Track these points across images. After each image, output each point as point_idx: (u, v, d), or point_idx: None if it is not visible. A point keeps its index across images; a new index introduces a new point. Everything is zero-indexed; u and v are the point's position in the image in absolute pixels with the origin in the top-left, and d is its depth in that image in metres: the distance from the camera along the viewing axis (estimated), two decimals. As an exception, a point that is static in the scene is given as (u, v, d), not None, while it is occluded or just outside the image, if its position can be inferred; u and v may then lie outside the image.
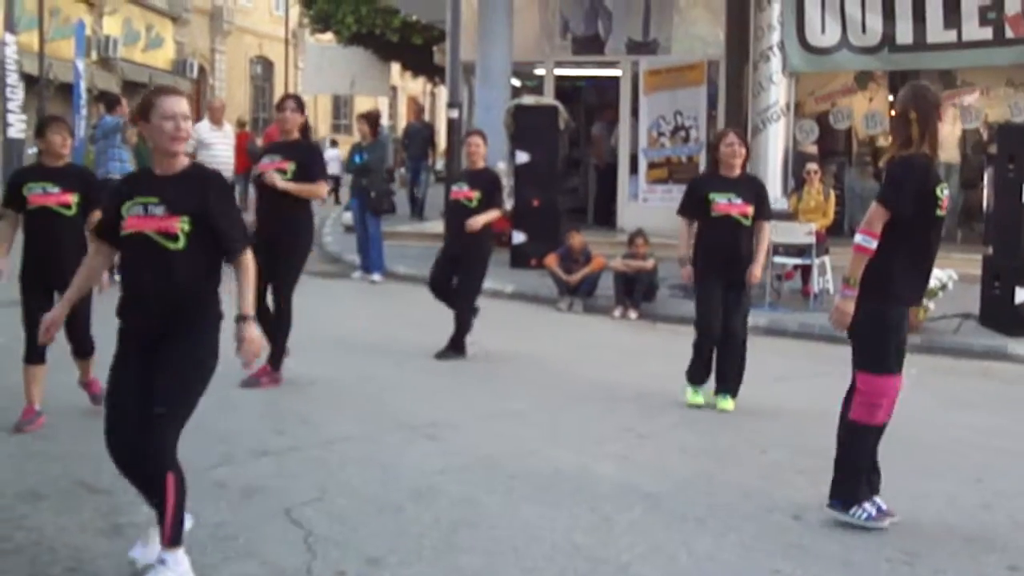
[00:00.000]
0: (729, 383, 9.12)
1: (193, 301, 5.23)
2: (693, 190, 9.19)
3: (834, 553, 5.85)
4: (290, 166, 9.37)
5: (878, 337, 6.35)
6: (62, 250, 7.71)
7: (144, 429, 5.05)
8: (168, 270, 5.16)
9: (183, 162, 5.33)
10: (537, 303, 14.39)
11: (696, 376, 9.21)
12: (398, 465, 7.10)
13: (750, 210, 8.99)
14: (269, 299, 9.25)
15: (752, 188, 9.13)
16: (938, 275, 12.14)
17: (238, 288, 5.31)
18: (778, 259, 14.27)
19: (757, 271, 9.03)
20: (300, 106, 9.76)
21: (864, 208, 20.31)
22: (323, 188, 9.88)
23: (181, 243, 5.16)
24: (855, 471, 6.33)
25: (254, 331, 5.25)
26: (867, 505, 6.28)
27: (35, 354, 7.84)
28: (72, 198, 7.84)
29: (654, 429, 8.37)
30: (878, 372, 6.34)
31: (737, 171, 9.07)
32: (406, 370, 10.24)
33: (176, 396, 5.12)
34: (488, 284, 11.39)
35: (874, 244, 6.16)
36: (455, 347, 10.85)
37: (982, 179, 18.17)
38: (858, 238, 6.24)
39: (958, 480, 7.24)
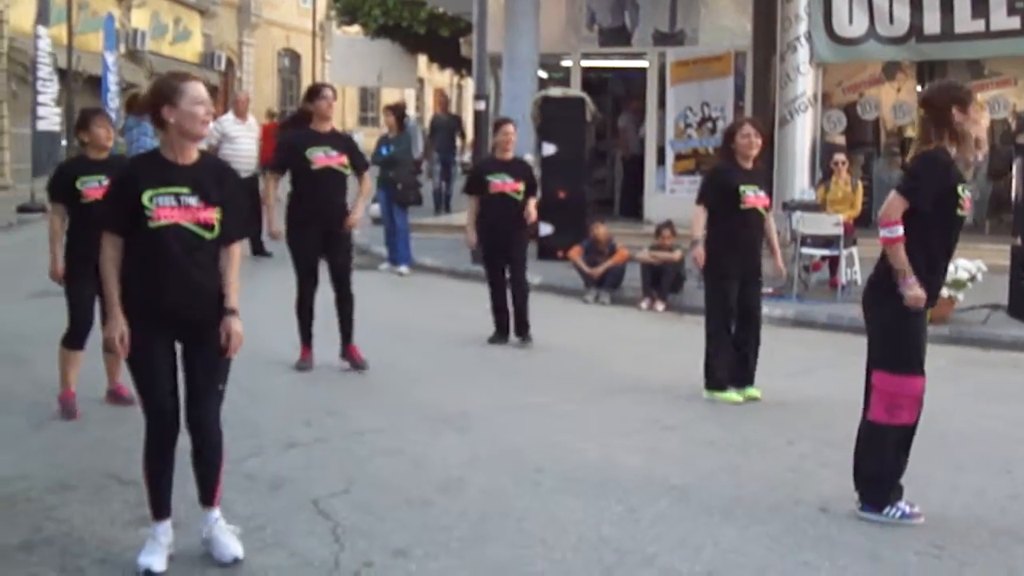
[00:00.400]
0: (753, 369, 9.14)
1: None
2: (720, 182, 9.09)
3: (862, 545, 5.84)
4: (346, 159, 9.69)
5: (903, 335, 6.31)
6: None
7: (204, 406, 5.38)
8: (206, 260, 5.30)
9: (196, 150, 5.41)
10: (564, 295, 14.39)
11: (723, 375, 9.10)
12: (425, 457, 7.13)
13: (769, 201, 9.15)
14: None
15: (765, 179, 9.17)
16: (967, 266, 12.10)
17: (225, 281, 5.41)
18: (806, 250, 14.24)
19: (782, 264, 9.08)
20: (334, 94, 9.95)
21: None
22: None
23: (216, 232, 5.29)
24: (878, 473, 6.29)
25: (239, 325, 5.38)
26: (900, 504, 6.25)
27: (77, 340, 8.05)
28: None
29: (680, 421, 8.37)
30: (902, 372, 6.27)
31: (751, 162, 9.06)
32: (434, 362, 10.27)
33: (225, 375, 5.46)
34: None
35: (900, 230, 6.10)
36: (525, 330, 11.17)
37: (1011, 169, 18.05)
38: (883, 232, 6.18)
39: (987, 472, 7.21)
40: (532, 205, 11.19)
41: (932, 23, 17.35)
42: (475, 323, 11.42)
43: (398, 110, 16.92)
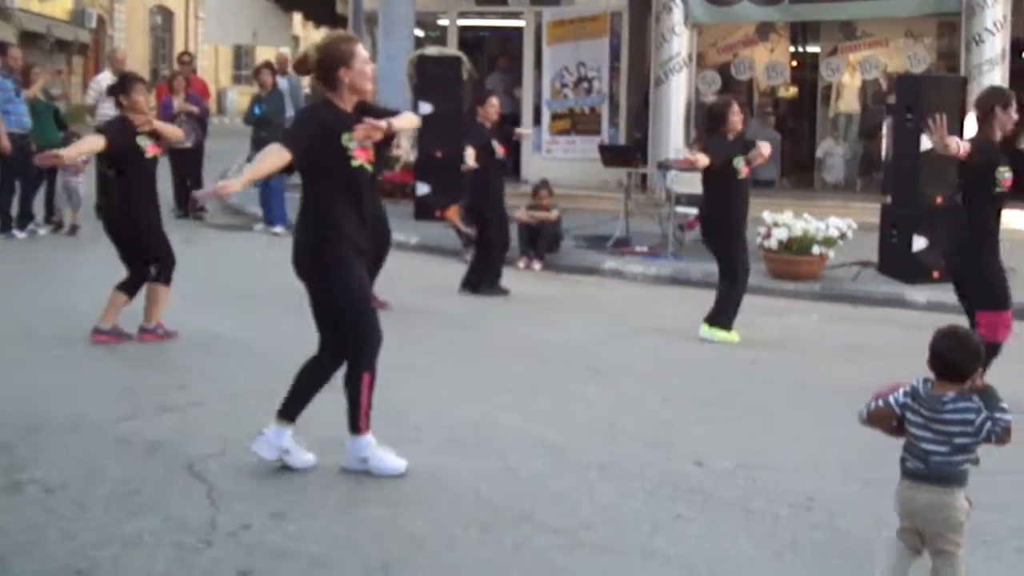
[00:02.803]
0: None
1: None
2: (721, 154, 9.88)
3: (735, 499, 5.94)
4: None
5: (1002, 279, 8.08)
6: None
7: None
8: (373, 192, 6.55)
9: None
10: (442, 255, 14.37)
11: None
12: (304, 418, 7.04)
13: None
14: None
15: (743, 141, 10.20)
16: (837, 224, 12.34)
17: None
18: (680, 209, 14.37)
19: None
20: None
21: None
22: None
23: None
24: None
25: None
26: None
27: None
28: None
29: (558, 379, 8.43)
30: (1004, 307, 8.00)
31: (739, 131, 10.08)
32: (310, 324, 10.17)
33: None
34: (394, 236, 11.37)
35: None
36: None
37: (881, 129, 18.37)
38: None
39: (855, 425, 7.33)
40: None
41: (805, -16, 17.59)
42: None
43: (271, 66, 16.77)
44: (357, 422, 6.16)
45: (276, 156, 5.76)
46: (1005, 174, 7.90)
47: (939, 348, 4.56)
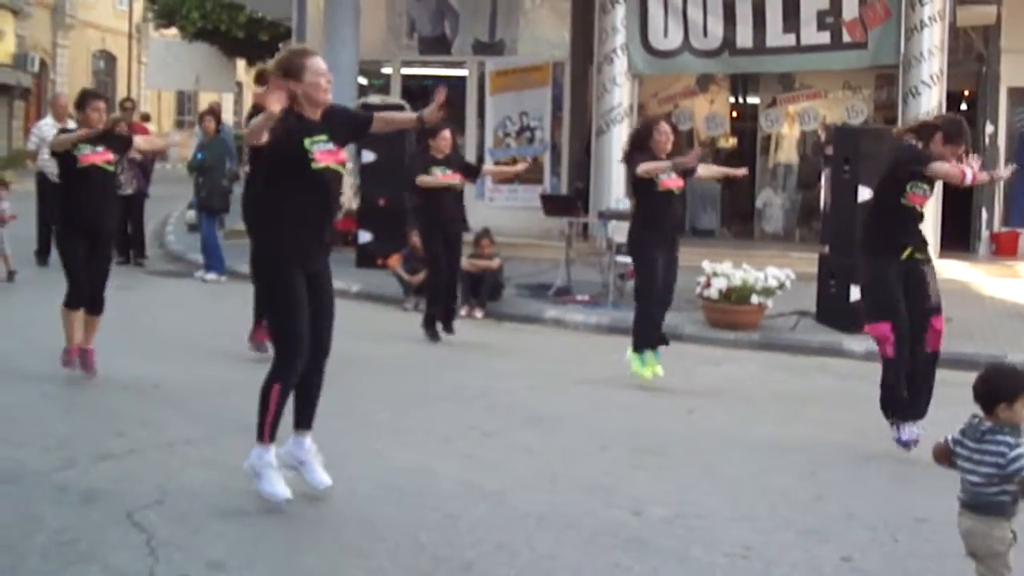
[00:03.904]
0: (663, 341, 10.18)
1: None
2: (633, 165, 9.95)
3: (672, 548, 5.97)
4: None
5: (884, 294, 8.10)
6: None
7: (326, 336, 6.50)
8: (339, 196, 6.51)
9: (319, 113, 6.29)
10: (383, 303, 14.38)
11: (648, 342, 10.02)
12: (239, 467, 7.03)
13: (682, 182, 10.08)
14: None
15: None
16: (776, 274, 12.45)
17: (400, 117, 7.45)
18: (620, 258, 14.45)
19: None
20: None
21: (707, 208, 20.78)
22: None
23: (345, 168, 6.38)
24: None
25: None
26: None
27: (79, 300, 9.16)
28: None
29: (499, 428, 8.44)
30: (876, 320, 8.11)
31: (668, 152, 9.96)
32: (245, 371, 10.13)
33: None
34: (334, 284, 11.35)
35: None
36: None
37: (819, 180, 18.60)
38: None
39: (793, 474, 7.43)
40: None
41: (745, 37, 17.84)
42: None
43: (216, 112, 16.74)
44: (260, 430, 6.32)
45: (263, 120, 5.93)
46: (915, 190, 7.94)
47: (975, 380, 4.81)
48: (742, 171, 10.81)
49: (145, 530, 5.89)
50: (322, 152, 6.17)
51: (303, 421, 6.61)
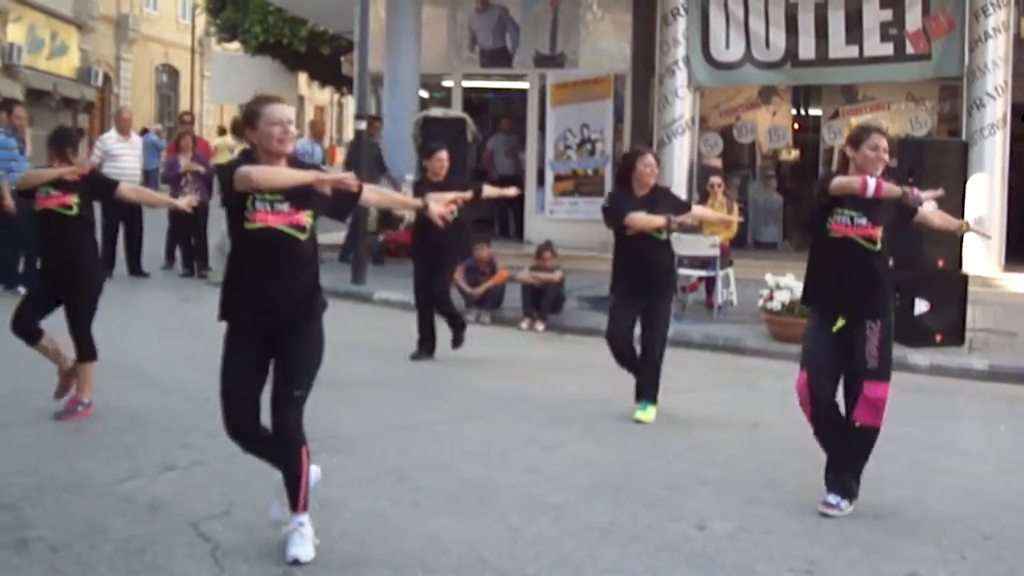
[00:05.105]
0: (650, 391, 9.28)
1: (315, 288, 5.95)
2: (613, 210, 9.19)
3: (737, 563, 5.94)
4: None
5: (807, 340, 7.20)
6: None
7: (280, 409, 5.75)
8: (299, 260, 5.83)
9: (284, 164, 5.81)
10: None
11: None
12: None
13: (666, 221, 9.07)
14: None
15: (667, 201, 9.31)
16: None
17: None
18: (683, 271, 14.41)
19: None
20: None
21: (768, 221, 20.66)
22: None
23: (307, 234, 5.81)
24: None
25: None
26: None
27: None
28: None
29: (560, 440, 8.43)
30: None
31: (648, 189, 9.19)
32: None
33: (309, 379, 5.85)
34: (396, 296, 11.42)
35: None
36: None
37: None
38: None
39: (859, 489, 7.36)
40: (489, 191, 11.80)
41: (807, 48, 17.75)
42: (351, 343, 11.38)
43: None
44: None
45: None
46: (839, 218, 6.93)
47: None
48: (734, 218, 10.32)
49: (211, 540, 5.94)
50: (266, 212, 5.67)
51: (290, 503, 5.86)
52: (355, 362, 11.01)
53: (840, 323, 6.93)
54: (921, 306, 12.53)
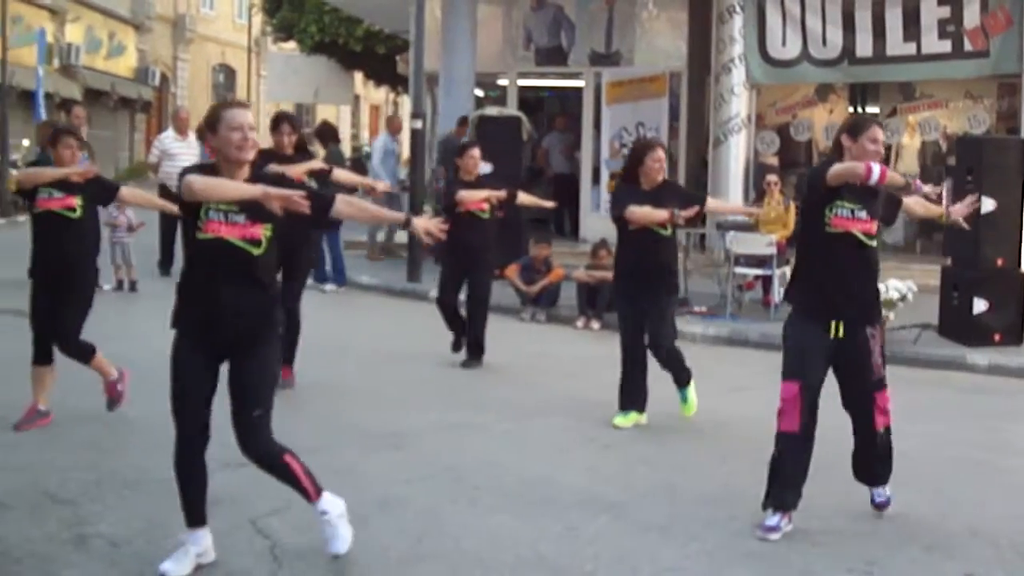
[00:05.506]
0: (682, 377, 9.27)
1: (270, 304, 5.63)
2: (615, 203, 8.99)
3: (795, 562, 5.92)
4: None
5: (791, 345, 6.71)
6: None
7: (245, 437, 5.68)
8: (251, 275, 5.47)
9: (246, 172, 5.51)
10: (501, 313, 14.38)
11: (632, 405, 9.10)
12: (363, 475, 7.13)
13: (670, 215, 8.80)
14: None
15: (675, 195, 9.02)
16: (898, 286, 12.26)
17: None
18: (739, 269, 14.37)
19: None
20: (294, 127, 9.89)
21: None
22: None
23: (263, 248, 5.46)
24: None
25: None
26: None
27: (42, 355, 8.29)
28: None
29: (617, 439, 8.43)
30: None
31: (657, 183, 8.87)
32: (369, 381, 10.27)
33: (268, 398, 5.68)
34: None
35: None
36: (477, 353, 11.15)
37: (941, 191, 18.36)
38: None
39: (917, 490, 7.31)
40: (523, 198, 11.66)
41: (864, 46, 17.62)
42: (410, 342, 11.43)
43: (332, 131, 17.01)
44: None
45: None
46: (838, 211, 6.48)
47: None
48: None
49: (269, 537, 5.99)
50: (219, 222, 5.37)
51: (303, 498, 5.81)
52: (413, 361, 11.07)
53: (837, 329, 6.48)
54: (980, 305, 12.42)
